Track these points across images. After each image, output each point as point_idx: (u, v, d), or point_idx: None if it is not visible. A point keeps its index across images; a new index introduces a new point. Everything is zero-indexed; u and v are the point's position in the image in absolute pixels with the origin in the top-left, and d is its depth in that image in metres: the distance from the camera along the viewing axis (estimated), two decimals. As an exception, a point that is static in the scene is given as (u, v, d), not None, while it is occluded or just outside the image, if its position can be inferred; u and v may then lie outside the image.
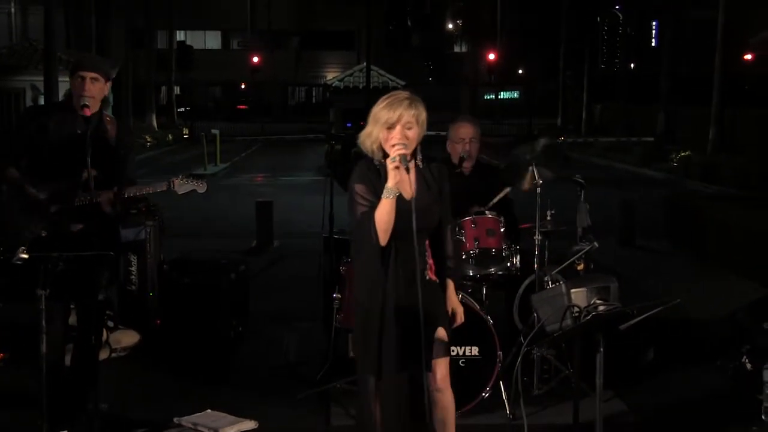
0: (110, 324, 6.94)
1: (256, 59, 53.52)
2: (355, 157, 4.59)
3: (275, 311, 8.30)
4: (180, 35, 50.63)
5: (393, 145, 4.15)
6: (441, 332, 4.41)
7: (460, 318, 4.67)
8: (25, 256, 4.56)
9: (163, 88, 51.20)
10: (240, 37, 58.98)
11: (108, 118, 5.32)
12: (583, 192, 6.02)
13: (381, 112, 4.24)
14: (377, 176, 4.24)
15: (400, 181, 4.16)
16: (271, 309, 8.31)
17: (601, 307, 4.09)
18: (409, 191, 4.24)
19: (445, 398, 4.48)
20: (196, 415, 5.54)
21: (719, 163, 21.96)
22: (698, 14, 40.36)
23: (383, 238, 4.17)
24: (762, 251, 9.35)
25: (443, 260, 4.51)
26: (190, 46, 42.61)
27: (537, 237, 6.01)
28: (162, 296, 7.36)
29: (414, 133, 4.23)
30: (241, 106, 57.76)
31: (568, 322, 3.92)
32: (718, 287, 9.26)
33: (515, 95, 61.22)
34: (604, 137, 35.44)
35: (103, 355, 6.70)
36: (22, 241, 4.90)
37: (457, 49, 66.38)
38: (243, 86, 59.82)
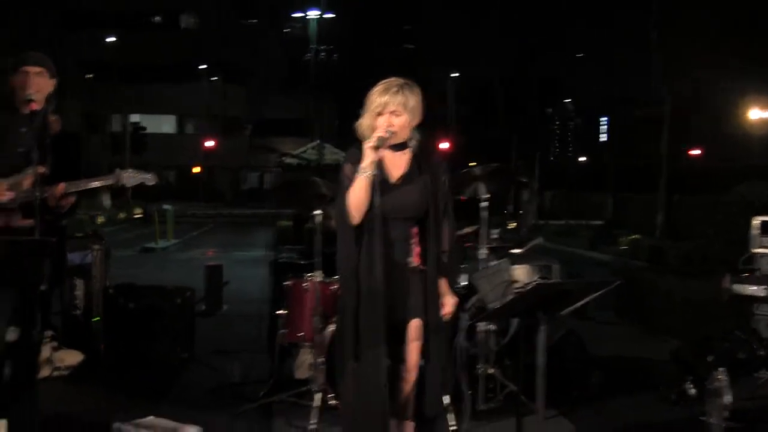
0: (54, 344, 6.83)
1: (210, 143, 53.75)
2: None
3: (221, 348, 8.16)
4: (135, 118, 50.70)
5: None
6: (415, 323, 4.35)
7: (449, 308, 4.48)
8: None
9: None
10: (194, 122, 59.19)
11: (53, 118, 5.27)
12: (528, 193, 6.08)
13: (371, 98, 4.34)
14: None
15: (388, 165, 4.27)
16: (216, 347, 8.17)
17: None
18: (395, 175, 4.31)
19: (407, 388, 4.41)
20: (137, 420, 5.43)
21: (666, 246, 22.27)
22: (644, 113, 41.55)
23: (355, 217, 4.21)
24: (700, 315, 9.44)
25: (436, 253, 4.39)
26: (144, 128, 42.66)
27: (483, 251, 6.02)
28: (107, 320, 7.27)
29: (402, 120, 4.31)
30: None
31: (510, 298, 3.93)
32: (660, 344, 9.28)
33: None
34: (554, 221, 35.83)
35: (46, 372, 6.62)
36: None
37: (411, 138, 67.07)
38: (196, 169, 59.83)
